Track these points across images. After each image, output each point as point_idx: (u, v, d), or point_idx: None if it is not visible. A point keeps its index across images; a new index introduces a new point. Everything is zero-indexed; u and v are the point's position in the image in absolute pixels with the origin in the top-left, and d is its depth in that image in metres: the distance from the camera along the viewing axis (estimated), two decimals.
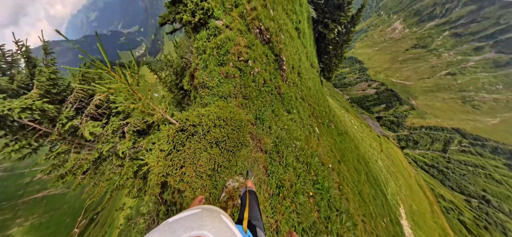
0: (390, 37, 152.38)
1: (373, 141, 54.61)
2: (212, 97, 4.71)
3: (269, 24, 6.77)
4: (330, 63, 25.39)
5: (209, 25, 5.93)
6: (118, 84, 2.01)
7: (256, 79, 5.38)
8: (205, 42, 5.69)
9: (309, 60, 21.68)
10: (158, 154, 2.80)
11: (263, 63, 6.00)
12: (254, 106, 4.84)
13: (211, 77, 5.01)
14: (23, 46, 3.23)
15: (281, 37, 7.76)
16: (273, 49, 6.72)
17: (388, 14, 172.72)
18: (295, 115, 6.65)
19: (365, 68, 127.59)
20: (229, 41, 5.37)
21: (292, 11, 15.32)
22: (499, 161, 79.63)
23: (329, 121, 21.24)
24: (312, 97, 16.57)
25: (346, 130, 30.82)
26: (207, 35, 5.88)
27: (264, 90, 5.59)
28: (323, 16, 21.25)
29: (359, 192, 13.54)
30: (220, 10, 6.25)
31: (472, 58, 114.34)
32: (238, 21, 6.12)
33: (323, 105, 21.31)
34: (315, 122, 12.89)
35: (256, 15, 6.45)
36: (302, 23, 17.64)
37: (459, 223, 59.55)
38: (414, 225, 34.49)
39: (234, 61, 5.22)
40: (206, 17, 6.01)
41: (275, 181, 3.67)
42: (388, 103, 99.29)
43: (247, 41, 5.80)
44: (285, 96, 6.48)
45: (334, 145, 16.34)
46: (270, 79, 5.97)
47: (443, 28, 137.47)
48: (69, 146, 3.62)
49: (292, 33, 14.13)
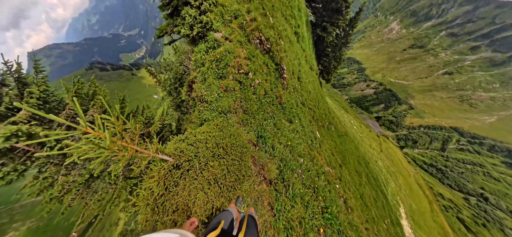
0: (388, 38, 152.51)
1: (372, 141, 54.43)
2: (211, 112, 4.44)
3: (270, 33, 6.59)
4: (329, 65, 25.25)
5: (208, 38, 5.77)
6: (95, 145, 1.57)
7: (256, 91, 5.20)
8: (203, 55, 5.50)
9: (308, 63, 21.51)
10: (148, 195, 2.41)
11: (264, 73, 5.83)
12: (255, 122, 4.63)
13: (210, 91, 4.80)
14: (12, 66, 3.02)
15: (281, 45, 7.56)
16: (274, 58, 6.55)
17: (385, 15, 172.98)
18: (296, 124, 6.45)
19: (363, 69, 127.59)
20: (229, 54, 5.20)
21: (291, 16, 15.15)
22: (497, 159, 79.47)
23: (329, 123, 21.06)
24: (312, 100, 16.38)
25: (346, 132, 30.61)
26: (206, 48, 5.70)
27: (265, 101, 5.42)
28: (322, 19, 21.12)
29: (361, 195, 13.33)
30: (219, 22, 6.11)
31: (468, 57, 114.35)
32: (237, 32, 5.98)
33: (323, 107, 21.14)
34: (315, 126, 12.69)
35: (256, 26, 6.28)
36: (301, 27, 17.47)
37: (458, 221, 59.32)
38: (414, 224, 34.23)
39: (234, 74, 5.02)
40: (204, 30, 5.86)
41: (282, 223, 3.33)
42: (386, 103, 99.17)
43: (247, 52, 5.63)
44: (286, 105, 6.31)
45: (334, 148, 16.15)
46: (271, 89, 5.79)
47: (439, 28, 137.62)
48: (58, 168, 3.38)
49: (291, 38, 13.95)
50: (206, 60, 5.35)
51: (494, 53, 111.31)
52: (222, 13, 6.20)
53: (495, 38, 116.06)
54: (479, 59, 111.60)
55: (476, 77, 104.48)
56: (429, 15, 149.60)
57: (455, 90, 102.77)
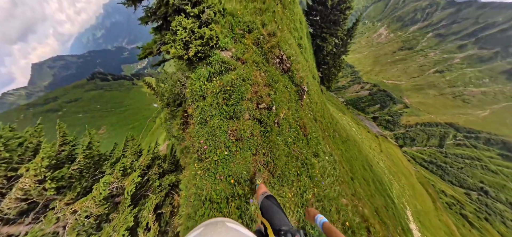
0: (377, 42, 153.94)
1: (372, 142, 53.20)
2: (215, 184, 2.77)
3: (290, 51, 5.48)
4: (329, 73, 24.79)
5: (212, 59, 4.09)
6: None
7: (283, 130, 3.80)
8: (204, 84, 3.88)
9: (311, 72, 20.88)
10: None
11: (285, 100, 4.55)
12: (284, 193, 3.01)
13: (213, 142, 3.16)
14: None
15: (299, 63, 6.40)
16: (293, 79, 5.37)
17: (373, 22, 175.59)
18: (322, 157, 5.35)
19: (356, 72, 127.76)
20: (243, 82, 3.76)
21: (294, 29, 14.58)
22: (493, 151, 77.94)
23: (334, 131, 20.09)
24: (318, 111, 15.54)
25: (348, 136, 29.60)
26: (209, 73, 4.00)
27: (291, 139, 4.00)
28: (321, 31, 20.76)
29: (375, 210, 12.23)
30: (228, 38, 4.54)
31: (457, 56, 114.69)
32: (253, 50, 4.55)
33: (327, 116, 20.29)
34: (327, 141, 11.75)
35: (276, 42, 4.98)
36: (303, 39, 16.94)
37: (462, 218, 57.28)
38: (421, 226, 32.57)
39: (251, 110, 3.60)
40: (207, 48, 4.07)
41: None
42: (382, 103, 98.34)
43: (266, 77, 4.25)
44: (311, 136, 5.10)
45: (341, 157, 15.15)
46: (294, 118, 4.57)
47: (426, 30, 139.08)
48: None
49: (296, 50, 13.31)
50: (208, 91, 3.76)
51: (481, 50, 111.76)
52: (231, 25, 4.70)
53: (480, 36, 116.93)
54: (467, 57, 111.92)
55: (466, 74, 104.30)
56: (414, 19, 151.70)
57: (447, 87, 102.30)
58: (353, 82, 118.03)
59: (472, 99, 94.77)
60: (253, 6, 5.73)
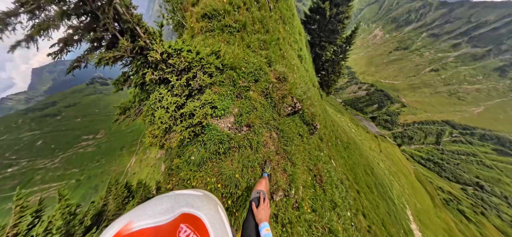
0: (373, 43, 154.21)
1: (371, 143, 53.15)
2: None
3: (301, 89, 4.87)
4: (329, 79, 24.70)
5: (206, 136, 3.06)
6: None
7: (301, 211, 3.07)
8: (193, 173, 2.91)
9: (311, 81, 20.81)
10: None
11: (300, 151, 3.91)
12: None
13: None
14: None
15: (310, 98, 5.67)
16: (304, 117, 4.86)
17: (367, 24, 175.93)
18: (340, 205, 4.62)
19: (353, 72, 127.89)
20: (248, 168, 2.94)
21: (294, 41, 14.49)
22: (488, 147, 78.11)
23: (336, 138, 20.00)
24: (320, 122, 15.49)
25: (348, 139, 29.55)
26: (200, 159, 2.93)
27: (313, 225, 3.17)
28: (319, 39, 20.67)
29: (382, 223, 12.15)
30: (229, 98, 3.50)
31: (451, 54, 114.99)
32: (261, 104, 3.69)
33: (329, 124, 20.21)
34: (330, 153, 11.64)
35: (289, 90, 4.23)
36: (303, 50, 16.86)
37: (459, 213, 57.30)
38: (421, 225, 32.50)
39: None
40: (198, 128, 3.07)
41: None
42: (379, 103, 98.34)
43: (278, 138, 3.45)
44: (326, 181, 4.42)
45: (344, 165, 15.07)
46: (309, 168, 4.04)
47: (420, 30, 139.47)
48: None
49: (297, 64, 13.19)
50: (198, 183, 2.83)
51: (474, 48, 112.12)
52: (233, 79, 3.71)
53: (472, 34, 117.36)
54: (461, 55, 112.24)
55: (460, 72, 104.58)
56: (408, 20, 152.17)
57: (443, 85, 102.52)
58: (350, 82, 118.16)
59: (466, 96, 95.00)
60: (256, 39, 5.03)
